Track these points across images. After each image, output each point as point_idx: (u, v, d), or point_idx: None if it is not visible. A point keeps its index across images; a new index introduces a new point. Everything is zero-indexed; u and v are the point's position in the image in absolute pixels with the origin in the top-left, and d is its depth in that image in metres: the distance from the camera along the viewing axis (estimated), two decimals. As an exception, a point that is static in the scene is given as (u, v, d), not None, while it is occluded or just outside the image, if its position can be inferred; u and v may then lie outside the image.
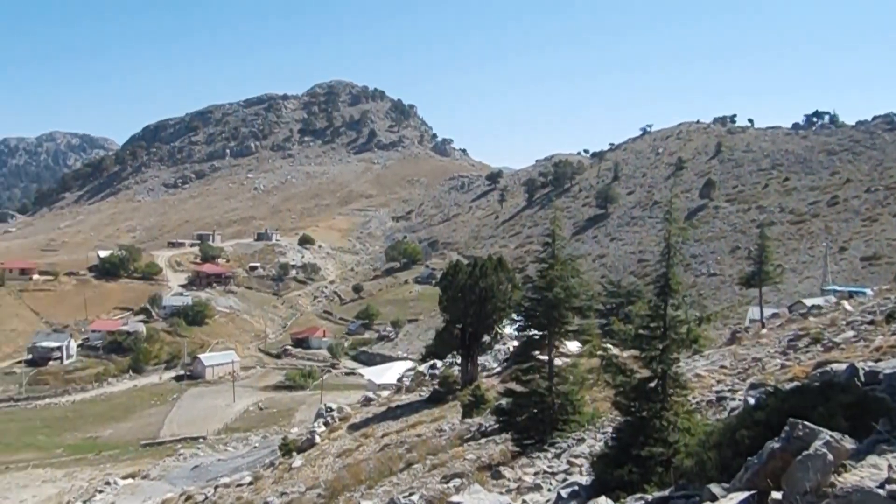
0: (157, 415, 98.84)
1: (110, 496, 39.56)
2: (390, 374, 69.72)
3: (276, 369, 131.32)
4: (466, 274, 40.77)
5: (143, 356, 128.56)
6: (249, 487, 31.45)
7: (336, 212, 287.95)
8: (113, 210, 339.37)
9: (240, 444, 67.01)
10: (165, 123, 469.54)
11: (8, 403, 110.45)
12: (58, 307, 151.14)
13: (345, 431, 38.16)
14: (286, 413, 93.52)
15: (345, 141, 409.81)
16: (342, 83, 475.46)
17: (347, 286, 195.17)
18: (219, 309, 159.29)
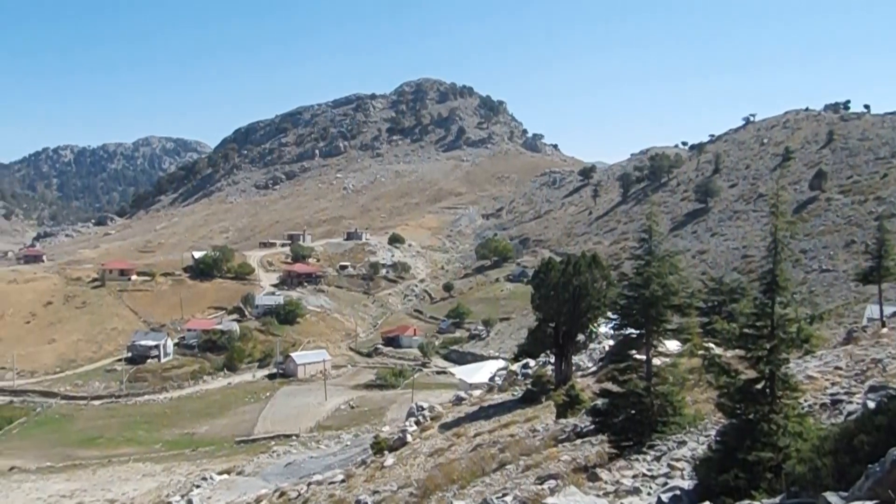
0: (250, 412, 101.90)
1: (207, 491, 40.97)
2: (482, 373, 69.58)
3: (366, 368, 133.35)
4: (559, 271, 40.30)
5: (236, 355, 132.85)
6: (342, 485, 31.94)
7: (425, 210, 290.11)
8: (206, 211, 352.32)
9: (332, 441, 68.22)
10: (256, 126, 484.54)
11: (110, 399, 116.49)
12: (155, 307, 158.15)
13: (436, 430, 38.31)
14: (377, 411, 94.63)
15: (433, 139, 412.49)
16: (430, 81, 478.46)
17: (438, 285, 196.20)
18: (310, 308, 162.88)
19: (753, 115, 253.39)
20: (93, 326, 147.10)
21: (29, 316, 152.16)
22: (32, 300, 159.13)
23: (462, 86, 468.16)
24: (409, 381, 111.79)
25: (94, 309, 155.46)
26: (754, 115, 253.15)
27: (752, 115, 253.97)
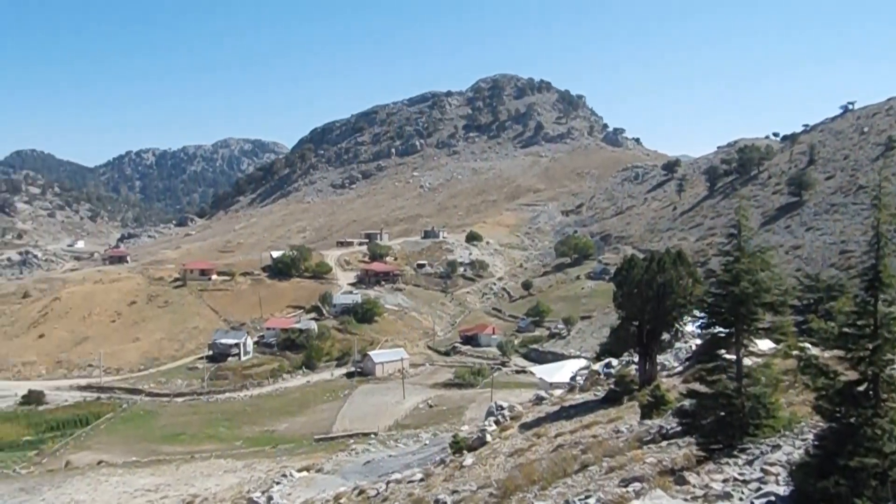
0: (329, 410, 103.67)
1: (287, 488, 41.83)
2: (563, 372, 69.03)
3: (445, 367, 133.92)
4: (643, 268, 39.61)
5: (315, 353, 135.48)
6: (420, 484, 32.11)
7: (503, 207, 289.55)
8: (284, 211, 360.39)
9: (410, 440, 68.73)
10: (332, 125, 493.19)
11: (192, 397, 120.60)
12: (235, 306, 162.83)
13: (516, 430, 38.14)
14: (456, 411, 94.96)
15: (510, 135, 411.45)
16: (506, 76, 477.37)
17: (516, 283, 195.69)
18: (387, 307, 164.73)
19: (852, 103, 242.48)
20: (175, 325, 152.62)
21: (114, 315, 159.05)
22: (117, 300, 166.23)
23: (540, 81, 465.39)
24: (487, 381, 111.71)
25: (176, 308, 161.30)
26: (853, 102, 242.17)
27: (850, 103, 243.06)
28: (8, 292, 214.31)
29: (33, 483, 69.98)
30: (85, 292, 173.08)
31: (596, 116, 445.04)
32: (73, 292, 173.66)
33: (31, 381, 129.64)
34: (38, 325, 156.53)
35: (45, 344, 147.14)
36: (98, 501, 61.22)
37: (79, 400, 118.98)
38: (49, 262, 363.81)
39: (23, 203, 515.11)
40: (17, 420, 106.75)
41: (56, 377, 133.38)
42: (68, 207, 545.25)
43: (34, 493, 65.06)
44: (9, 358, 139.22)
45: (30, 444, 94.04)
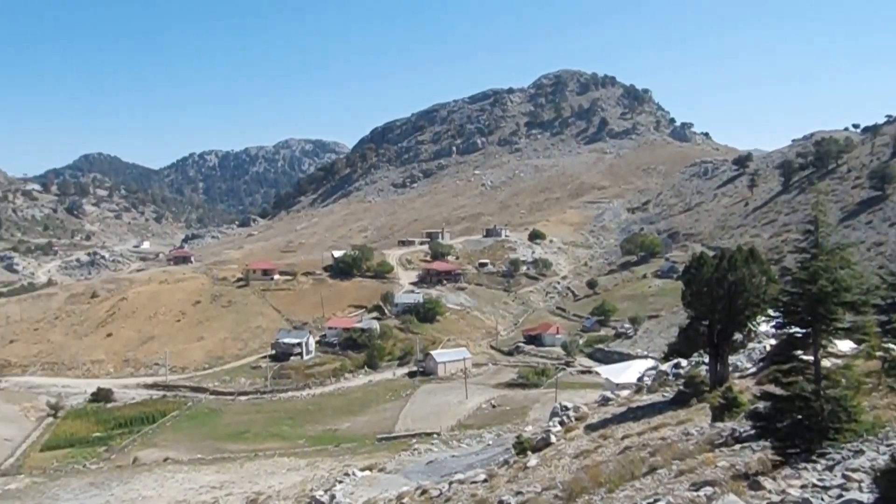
0: (391, 410, 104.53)
1: (349, 487, 42.18)
2: (629, 372, 68.26)
3: (508, 366, 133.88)
4: (713, 266, 38.76)
5: (377, 353, 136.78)
6: (484, 485, 32.04)
7: (567, 205, 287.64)
8: (345, 211, 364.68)
9: (473, 440, 68.69)
10: (392, 125, 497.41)
11: (255, 395, 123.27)
12: (297, 305, 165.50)
13: (581, 431, 37.75)
14: (519, 411, 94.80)
15: (574, 131, 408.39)
16: (570, 72, 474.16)
17: (581, 281, 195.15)
18: (449, 306, 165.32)
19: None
20: (238, 325, 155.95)
21: (179, 314, 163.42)
22: (182, 299, 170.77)
23: (604, 76, 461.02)
24: (552, 381, 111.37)
25: (240, 308, 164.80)
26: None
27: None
28: (77, 292, 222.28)
29: (102, 478, 72.48)
30: (151, 292, 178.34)
31: (662, 111, 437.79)
32: (139, 292, 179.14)
33: (99, 379, 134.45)
34: (106, 324, 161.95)
35: (112, 343, 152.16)
36: (164, 497, 62.95)
37: (145, 398, 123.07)
38: (116, 262, 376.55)
39: (91, 205, 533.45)
40: (86, 417, 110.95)
41: (123, 375, 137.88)
42: (134, 209, 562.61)
43: (103, 488, 67.33)
44: (79, 356, 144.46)
45: (99, 441, 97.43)
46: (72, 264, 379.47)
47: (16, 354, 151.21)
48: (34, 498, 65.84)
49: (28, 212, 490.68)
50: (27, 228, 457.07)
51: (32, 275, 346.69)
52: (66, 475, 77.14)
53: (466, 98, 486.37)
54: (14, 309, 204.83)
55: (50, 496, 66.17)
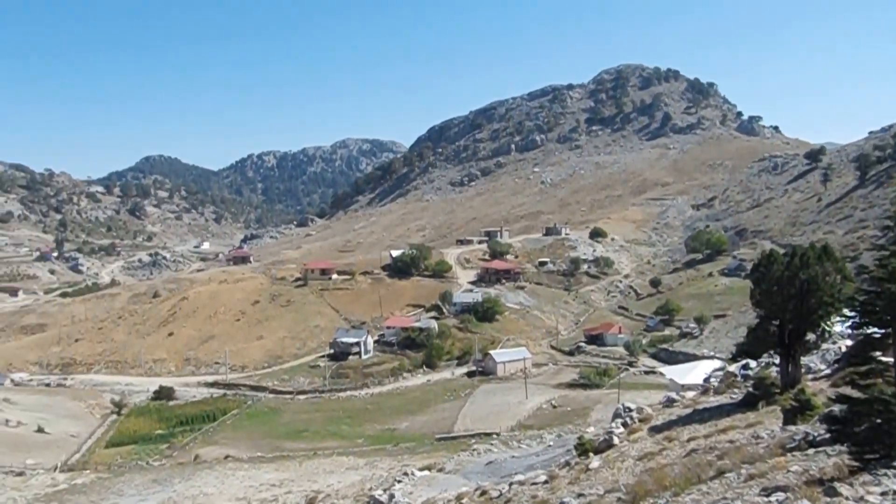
0: (450, 409, 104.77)
1: (408, 486, 42.38)
2: (695, 373, 67.49)
3: (569, 366, 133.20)
4: (783, 264, 37.79)
5: (435, 352, 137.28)
6: (545, 486, 31.83)
7: (629, 202, 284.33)
8: (403, 210, 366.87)
9: (533, 441, 68.47)
10: (450, 123, 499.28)
11: (314, 394, 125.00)
12: (355, 305, 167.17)
13: (645, 433, 37.22)
14: (581, 412, 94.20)
15: (636, 127, 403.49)
16: (631, 67, 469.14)
17: (644, 280, 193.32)
18: (508, 305, 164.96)
19: None
20: (297, 324, 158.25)
21: (238, 314, 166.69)
22: (241, 299, 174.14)
23: (667, 70, 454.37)
24: (614, 381, 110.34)
25: (298, 307, 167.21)
26: None
27: None
28: (139, 292, 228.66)
29: (165, 475, 74.35)
30: (211, 292, 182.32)
31: (729, 105, 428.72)
32: (199, 292, 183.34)
33: (161, 377, 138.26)
34: (168, 323, 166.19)
35: (174, 342, 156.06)
36: (225, 495, 64.17)
37: (206, 396, 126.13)
38: (177, 262, 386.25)
39: (152, 207, 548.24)
40: (149, 414, 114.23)
41: (184, 374, 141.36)
42: (194, 210, 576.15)
43: (166, 485, 69.02)
44: (141, 355, 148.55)
45: (161, 438, 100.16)
46: (134, 265, 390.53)
47: (81, 353, 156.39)
48: (99, 493, 67.83)
49: (92, 213, 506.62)
50: (91, 230, 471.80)
51: (96, 275, 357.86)
52: (130, 471, 79.30)
53: (525, 95, 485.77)
54: (79, 308, 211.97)
55: (115, 491, 68.10)
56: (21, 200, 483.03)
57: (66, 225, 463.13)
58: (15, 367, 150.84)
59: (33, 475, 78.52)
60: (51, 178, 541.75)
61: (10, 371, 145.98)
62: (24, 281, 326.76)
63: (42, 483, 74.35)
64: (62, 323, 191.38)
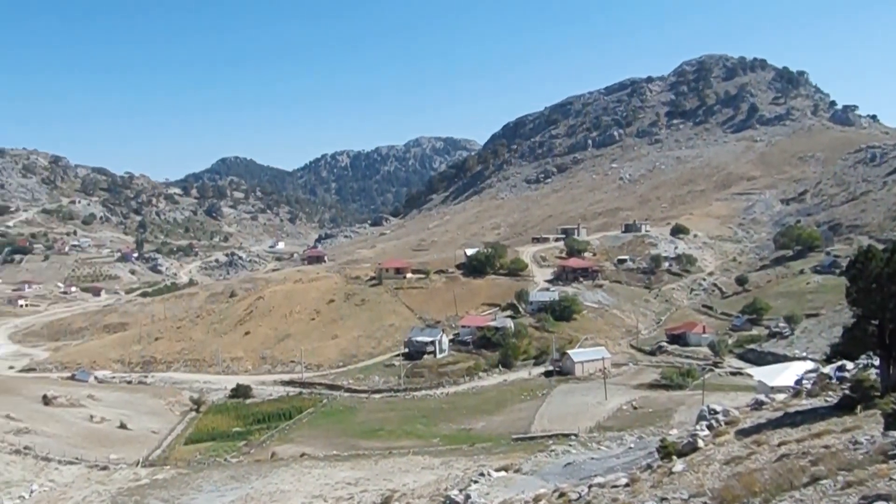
0: (527, 410, 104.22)
1: (485, 487, 42.11)
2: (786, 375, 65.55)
3: (650, 367, 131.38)
4: (882, 260, 36.17)
5: (511, 351, 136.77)
6: (625, 489, 31.17)
7: (713, 197, 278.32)
8: (477, 209, 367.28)
9: (613, 443, 67.41)
10: (524, 119, 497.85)
11: (389, 393, 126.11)
12: (429, 304, 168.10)
13: (732, 437, 36.09)
14: (663, 413, 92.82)
15: (720, 120, 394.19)
16: (714, 57, 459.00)
17: (729, 278, 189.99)
18: (586, 304, 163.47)
19: None
20: (371, 323, 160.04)
21: (314, 313, 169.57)
22: (316, 298, 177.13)
23: (753, 59, 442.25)
24: (698, 382, 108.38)
25: (373, 306, 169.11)
26: None
27: None
28: (216, 292, 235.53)
29: (243, 471, 76.03)
30: (286, 291, 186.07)
31: (821, 94, 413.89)
32: (275, 291, 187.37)
33: (238, 375, 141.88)
34: (244, 322, 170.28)
35: (250, 341, 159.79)
36: (302, 492, 65.18)
37: (282, 394, 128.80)
38: (252, 262, 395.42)
39: (228, 207, 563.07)
40: (227, 412, 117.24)
41: (261, 372, 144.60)
42: (269, 210, 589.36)
43: (243, 481, 70.58)
44: (218, 354, 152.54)
45: (238, 435, 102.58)
46: (211, 265, 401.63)
47: (161, 351, 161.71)
48: (179, 488, 69.82)
49: (170, 215, 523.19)
50: (170, 231, 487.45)
51: (175, 275, 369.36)
52: (209, 468, 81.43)
53: (602, 89, 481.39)
54: (159, 308, 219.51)
55: (194, 487, 69.97)
56: (103, 203, 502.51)
57: (146, 226, 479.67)
58: (98, 364, 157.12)
59: (116, 469, 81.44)
60: (131, 181, 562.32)
61: (94, 368, 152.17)
62: (106, 281, 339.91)
63: (125, 477, 77.11)
64: (143, 322, 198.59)
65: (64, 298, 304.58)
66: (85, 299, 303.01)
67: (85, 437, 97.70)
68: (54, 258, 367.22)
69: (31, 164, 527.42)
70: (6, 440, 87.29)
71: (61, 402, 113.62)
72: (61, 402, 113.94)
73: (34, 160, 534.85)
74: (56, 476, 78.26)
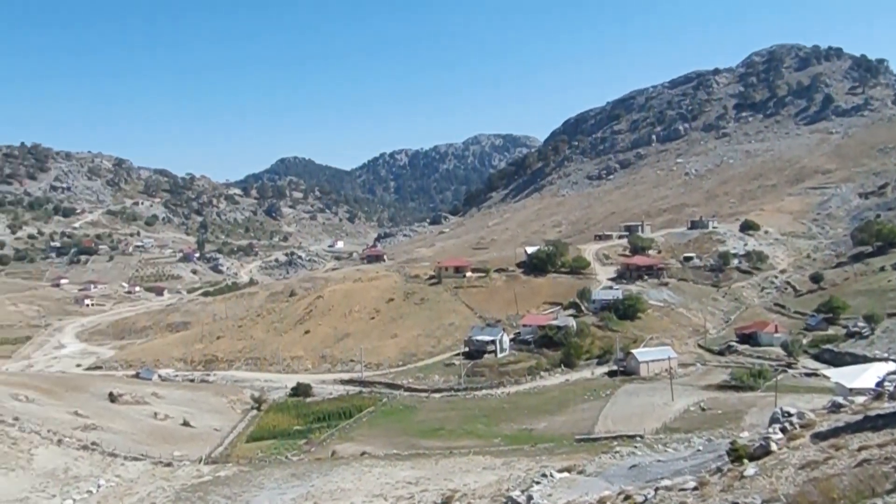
0: (590, 410, 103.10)
1: (547, 488, 41.68)
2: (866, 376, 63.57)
3: (718, 367, 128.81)
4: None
5: (574, 351, 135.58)
6: (694, 493, 30.39)
7: (784, 192, 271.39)
8: (538, 206, 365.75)
9: (681, 445, 66.39)
10: (586, 115, 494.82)
11: (449, 393, 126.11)
12: (490, 302, 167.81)
13: (808, 440, 34.88)
14: (733, 415, 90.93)
15: (791, 111, 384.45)
16: (785, 47, 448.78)
17: (803, 275, 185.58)
18: (651, 302, 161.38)
19: None
20: (431, 322, 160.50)
21: (373, 312, 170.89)
22: (376, 297, 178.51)
23: (828, 48, 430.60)
24: (770, 383, 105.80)
25: (432, 305, 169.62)
26: None
27: None
28: (276, 291, 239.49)
29: (303, 470, 77.03)
30: (345, 290, 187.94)
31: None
32: (334, 291, 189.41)
33: (298, 374, 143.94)
34: (304, 321, 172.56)
35: (310, 339, 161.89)
36: (362, 491, 65.68)
37: (342, 393, 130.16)
38: (312, 262, 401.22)
39: (287, 207, 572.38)
40: (287, 410, 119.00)
41: (321, 371, 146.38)
42: (328, 210, 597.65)
43: (304, 480, 71.49)
44: (279, 352, 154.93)
45: (299, 434, 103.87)
46: (271, 264, 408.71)
47: (222, 350, 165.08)
48: (241, 486, 71.09)
49: (231, 215, 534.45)
50: (230, 231, 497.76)
51: (236, 275, 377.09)
52: (270, 465, 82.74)
53: (666, 83, 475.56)
54: (220, 307, 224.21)
55: (255, 484, 71.18)
56: (165, 204, 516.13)
57: (207, 226, 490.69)
58: (162, 363, 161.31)
59: (180, 466, 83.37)
60: (192, 182, 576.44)
61: (158, 367, 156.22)
62: (168, 281, 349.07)
63: (188, 474, 78.92)
64: (204, 321, 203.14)
65: (128, 298, 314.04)
66: (148, 299, 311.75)
67: (149, 434, 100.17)
68: (119, 259, 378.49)
69: (96, 166, 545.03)
70: (74, 436, 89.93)
71: (126, 400, 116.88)
72: (126, 399, 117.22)
73: (99, 163, 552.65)
74: (122, 472, 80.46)
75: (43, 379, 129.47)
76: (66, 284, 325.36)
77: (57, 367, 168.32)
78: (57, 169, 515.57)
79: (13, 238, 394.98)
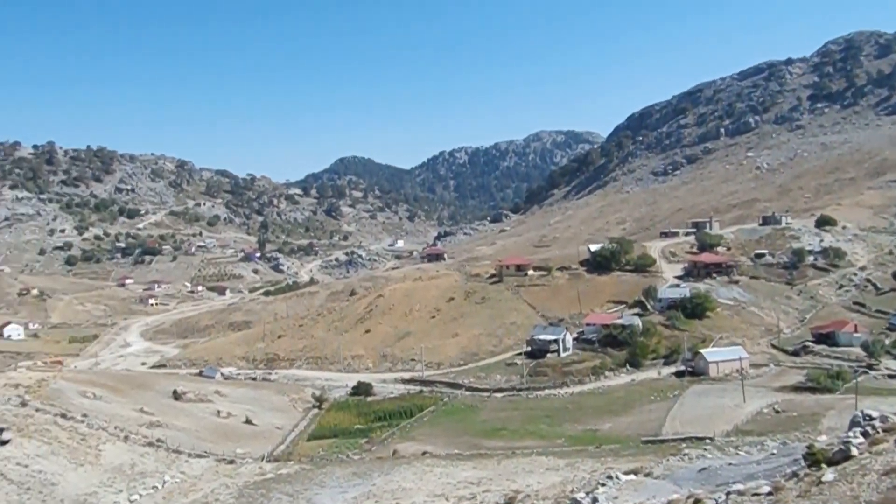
0: (657, 411, 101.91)
1: (613, 490, 41.14)
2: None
3: (793, 368, 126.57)
4: None
5: (639, 350, 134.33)
6: (768, 498, 29.65)
7: (864, 186, 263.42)
8: (601, 203, 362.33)
9: (753, 448, 65.24)
10: (651, 110, 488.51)
11: (511, 392, 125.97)
12: (552, 301, 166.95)
13: (891, 445, 33.66)
14: (809, 418, 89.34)
15: (871, 101, 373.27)
16: (864, 34, 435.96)
17: (885, 272, 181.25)
18: (721, 301, 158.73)
19: None
20: (492, 321, 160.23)
21: (433, 311, 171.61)
22: (436, 296, 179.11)
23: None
24: (850, 385, 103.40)
25: (493, 304, 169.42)
26: None
27: None
28: (337, 290, 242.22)
29: (364, 468, 77.90)
30: (406, 289, 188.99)
31: None
32: (394, 290, 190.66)
33: (359, 373, 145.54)
34: (365, 320, 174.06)
35: (370, 339, 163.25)
36: (424, 490, 65.97)
37: (403, 392, 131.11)
38: (372, 261, 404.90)
39: (347, 207, 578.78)
40: (348, 409, 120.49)
41: (381, 370, 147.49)
42: (388, 209, 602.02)
43: (365, 478, 72.24)
44: (339, 351, 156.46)
45: (360, 432, 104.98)
46: (331, 263, 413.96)
47: (283, 349, 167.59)
48: (303, 483, 72.24)
49: (291, 215, 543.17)
50: (290, 230, 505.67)
51: (296, 274, 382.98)
52: (331, 464, 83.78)
53: (735, 74, 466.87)
54: (281, 307, 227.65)
55: (317, 483, 72.20)
56: (226, 204, 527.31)
57: (268, 226, 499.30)
58: (224, 361, 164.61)
59: (243, 463, 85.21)
60: (252, 183, 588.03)
61: (220, 365, 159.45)
62: (230, 280, 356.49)
63: (251, 471, 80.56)
64: (266, 320, 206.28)
65: (191, 297, 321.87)
66: (211, 298, 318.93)
67: (212, 432, 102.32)
68: (181, 259, 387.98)
69: (159, 168, 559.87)
70: (140, 433, 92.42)
71: (190, 398, 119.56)
72: (190, 397, 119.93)
73: (162, 165, 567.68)
74: (186, 468, 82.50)
75: (109, 377, 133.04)
76: (131, 284, 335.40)
77: (123, 366, 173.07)
78: (122, 171, 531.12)
79: (80, 239, 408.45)
